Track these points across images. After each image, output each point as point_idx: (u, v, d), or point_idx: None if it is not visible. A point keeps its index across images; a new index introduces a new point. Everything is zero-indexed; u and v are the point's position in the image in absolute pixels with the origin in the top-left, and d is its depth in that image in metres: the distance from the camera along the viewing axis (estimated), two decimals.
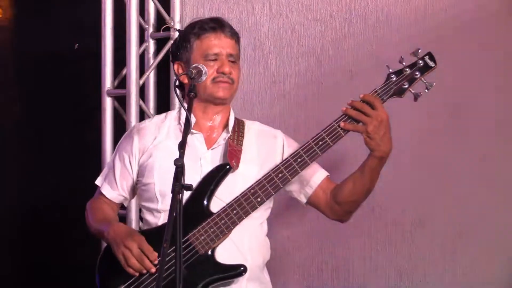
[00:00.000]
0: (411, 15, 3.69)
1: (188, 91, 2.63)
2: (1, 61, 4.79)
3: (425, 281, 3.65)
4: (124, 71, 4.31)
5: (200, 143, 2.84)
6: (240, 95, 4.06)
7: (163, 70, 4.37)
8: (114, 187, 2.95)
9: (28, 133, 4.79)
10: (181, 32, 2.96)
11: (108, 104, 4.33)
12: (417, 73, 2.75)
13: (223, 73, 2.81)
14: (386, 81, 2.76)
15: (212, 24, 2.87)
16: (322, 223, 3.47)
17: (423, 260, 3.66)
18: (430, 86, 2.74)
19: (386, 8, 3.76)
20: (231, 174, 2.78)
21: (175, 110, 3.01)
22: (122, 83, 4.31)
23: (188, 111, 2.52)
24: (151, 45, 4.40)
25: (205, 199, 2.75)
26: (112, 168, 2.96)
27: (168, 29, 4.32)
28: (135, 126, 3.02)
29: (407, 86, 2.75)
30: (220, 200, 2.77)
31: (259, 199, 2.74)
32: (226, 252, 2.75)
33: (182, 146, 2.41)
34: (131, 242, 2.71)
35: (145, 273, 2.73)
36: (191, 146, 2.80)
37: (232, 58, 2.85)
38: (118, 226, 2.83)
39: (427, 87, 2.75)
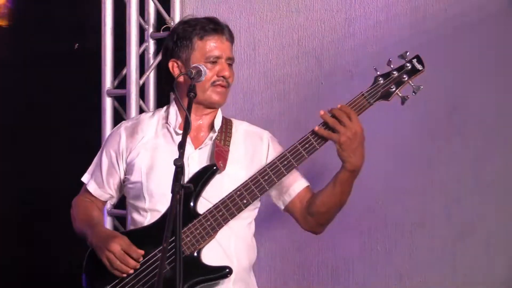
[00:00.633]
0: (411, 15, 3.69)
1: (188, 91, 2.63)
2: (1, 61, 4.79)
3: (425, 281, 3.65)
4: (124, 71, 4.32)
5: (187, 142, 2.79)
6: (240, 95, 4.07)
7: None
8: (100, 184, 2.95)
9: (28, 133, 4.79)
10: (178, 29, 2.91)
11: (108, 104, 4.33)
12: (404, 76, 2.73)
13: (223, 77, 2.82)
14: (373, 84, 2.75)
15: (213, 25, 2.87)
16: None
17: (423, 260, 3.65)
18: (418, 90, 2.73)
19: (386, 8, 3.75)
20: (218, 174, 2.77)
21: (163, 108, 2.99)
22: (122, 83, 4.31)
23: (188, 110, 2.52)
24: (151, 45, 4.40)
25: (191, 200, 2.75)
26: (99, 166, 2.95)
27: (168, 29, 4.32)
28: (122, 124, 3.00)
29: (394, 89, 2.73)
30: (207, 201, 2.77)
31: (245, 201, 2.73)
32: (212, 254, 2.75)
33: (182, 146, 2.41)
34: (113, 244, 2.71)
35: (131, 273, 2.73)
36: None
37: (230, 62, 2.86)
38: (99, 231, 2.83)
39: (414, 90, 2.73)
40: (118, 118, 4.32)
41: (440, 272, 3.61)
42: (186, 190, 2.33)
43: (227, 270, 2.73)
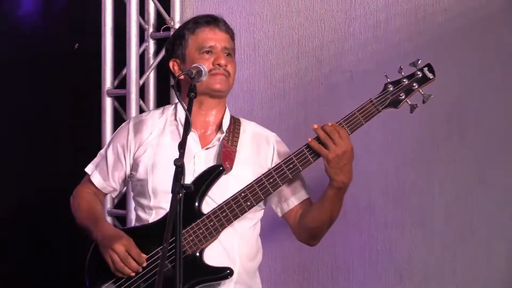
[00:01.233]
0: (411, 15, 3.69)
1: (188, 91, 2.62)
2: (1, 61, 4.79)
3: (425, 281, 3.65)
4: (124, 71, 4.32)
5: (195, 141, 2.82)
6: (240, 95, 4.07)
7: (163, 70, 4.37)
8: (105, 177, 2.94)
9: (28, 133, 4.79)
10: (175, 30, 2.97)
11: (108, 104, 4.33)
12: (414, 84, 2.72)
13: (219, 65, 2.80)
14: (382, 91, 2.74)
15: (207, 19, 2.88)
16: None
17: (423, 260, 3.65)
18: (427, 98, 2.71)
19: (386, 8, 3.75)
20: (225, 175, 2.77)
21: (172, 105, 2.99)
22: (122, 83, 4.31)
23: (188, 111, 2.52)
24: (151, 45, 4.40)
25: (196, 200, 2.75)
26: (105, 158, 2.95)
27: (168, 29, 4.32)
28: (131, 119, 3.00)
29: (403, 97, 2.72)
30: (212, 201, 2.77)
31: (248, 203, 2.73)
32: (215, 254, 2.75)
33: (182, 146, 2.40)
34: (118, 245, 2.71)
35: (133, 275, 2.73)
36: None
37: (227, 51, 2.84)
38: (105, 228, 2.83)
39: (424, 99, 2.72)
40: (118, 118, 4.32)
41: (440, 272, 3.61)
42: (187, 190, 2.33)
43: (228, 271, 2.73)
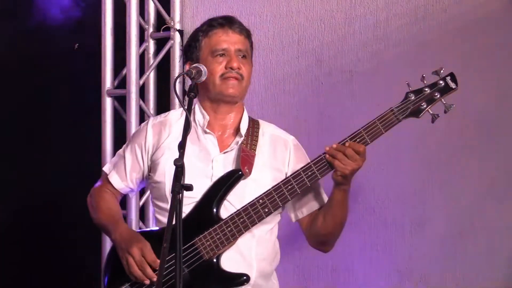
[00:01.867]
0: (411, 15, 3.69)
1: (188, 91, 2.62)
2: (1, 61, 4.79)
3: (425, 281, 3.65)
4: (124, 71, 4.32)
5: (213, 144, 2.80)
6: None
7: (163, 70, 4.37)
8: (123, 178, 2.91)
9: (28, 133, 4.78)
10: (191, 34, 2.92)
11: (108, 104, 4.33)
12: (436, 93, 2.66)
13: (231, 68, 2.77)
14: (404, 100, 2.68)
15: (221, 20, 2.85)
16: None
17: (423, 260, 3.66)
18: (449, 108, 2.66)
19: (386, 8, 3.75)
20: (243, 179, 2.75)
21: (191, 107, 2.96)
22: (122, 83, 4.31)
23: (188, 110, 2.51)
24: (151, 45, 4.40)
25: (213, 205, 2.73)
26: (123, 159, 2.92)
27: (168, 29, 4.33)
28: (150, 120, 2.96)
29: (425, 106, 2.67)
30: (231, 204, 2.75)
31: (266, 210, 2.71)
32: (232, 258, 2.73)
33: (182, 147, 2.40)
34: (134, 249, 2.69)
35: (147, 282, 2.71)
36: (203, 147, 2.79)
37: (241, 54, 2.81)
38: (124, 230, 2.82)
39: (446, 109, 2.66)
40: (118, 118, 4.32)
41: (440, 272, 3.62)
42: (187, 190, 2.33)
43: (245, 278, 2.72)
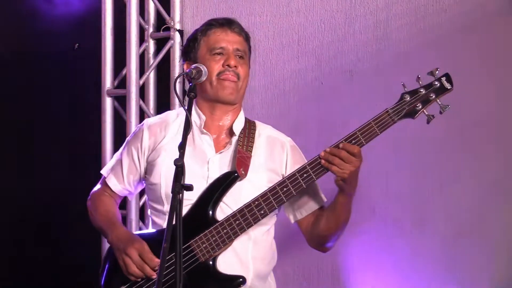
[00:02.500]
0: (411, 15, 3.69)
1: (188, 91, 2.61)
2: (1, 61, 4.79)
3: (425, 281, 3.65)
4: (124, 71, 4.32)
5: (209, 145, 2.80)
6: None
7: (163, 70, 4.37)
8: (120, 180, 2.92)
9: (28, 133, 4.79)
10: (190, 34, 2.93)
11: (108, 104, 4.33)
12: (432, 94, 2.66)
13: (228, 66, 2.76)
14: (399, 101, 2.68)
15: (221, 21, 2.85)
16: None
17: (423, 260, 3.66)
18: (445, 109, 2.66)
19: (386, 8, 3.75)
20: (239, 181, 2.75)
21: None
22: (122, 83, 4.31)
23: (188, 111, 2.51)
24: (151, 45, 4.40)
25: (209, 207, 2.72)
26: (120, 162, 2.92)
27: (168, 29, 4.33)
28: (146, 121, 2.96)
29: (420, 107, 2.67)
30: (227, 206, 2.74)
31: (262, 212, 2.70)
32: (228, 260, 2.73)
33: (182, 147, 2.40)
34: (132, 249, 2.69)
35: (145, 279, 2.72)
36: (199, 148, 2.79)
37: (239, 53, 2.80)
38: (120, 232, 2.81)
39: (442, 109, 2.66)
40: (118, 118, 4.32)
41: (440, 272, 3.61)
42: (187, 190, 2.33)
43: (241, 280, 2.71)
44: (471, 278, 3.55)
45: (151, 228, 2.88)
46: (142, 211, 4.29)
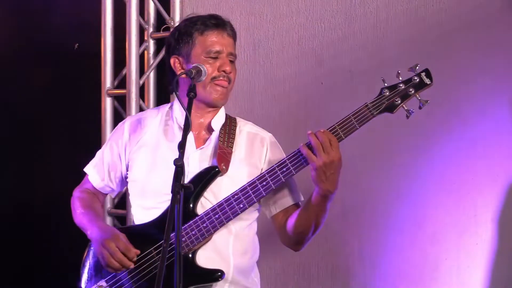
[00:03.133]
0: (411, 15, 3.69)
1: (188, 91, 2.62)
2: (1, 61, 4.79)
3: (425, 281, 3.65)
4: (124, 71, 4.32)
5: (189, 141, 2.78)
6: (240, 95, 4.07)
7: (163, 70, 4.36)
8: (102, 177, 2.95)
9: (28, 132, 4.79)
10: (179, 26, 2.91)
11: (108, 104, 4.34)
12: (411, 89, 2.69)
13: (224, 71, 2.78)
14: (378, 95, 2.71)
15: (214, 21, 2.85)
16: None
17: (423, 260, 3.66)
18: (424, 104, 2.68)
19: (386, 8, 3.76)
20: (220, 176, 2.76)
21: (168, 104, 2.96)
22: (122, 83, 4.32)
23: (188, 110, 2.51)
24: (151, 45, 4.40)
25: (190, 201, 2.73)
26: (102, 159, 2.95)
27: (168, 29, 4.33)
28: (127, 119, 2.99)
29: (399, 102, 2.69)
30: (207, 201, 2.76)
31: (241, 205, 2.71)
32: (208, 254, 2.74)
33: (182, 146, 2.40)
34: (109, 241, 2.71)
35: (124, 270, 2.74)
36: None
37: (232, 58, 2.83)
38: (99, 226, 2.83)
39: (421, 104, 2.69)
40: (118, 118, 4.32)
41: (440, 272, 3.62)
42: (187, 190, 2.33)
43: (219, 274, 2.72)
44: (471, 278, 3.55)
45: (136, 223, 2.90)
46: None
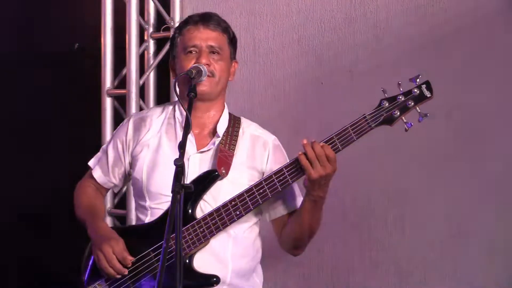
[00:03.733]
0: (411, 15, 3.69)
1: (188, 91, 2.62)
2: (1, 60, 4.79)
3: (425, 281, 3.65)
4: (124, 71, 4.32)
5: (190, 142, 2.77)
6: (240, 95, 4.07)
7: (163, 70, 4.37)
8: (105, 172, 2.94)
9: (28, 133, 4.79)
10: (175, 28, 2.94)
11: (108, 104, 4.34)
12: (410, 102, 2.63)
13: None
14: (377, 107, 2.65)
15: (196, 18, 2.84)
16: (321, 223, 3.47)
17: (423, 260, 3.66)
18: (424, 117, 2.63)
19: (386, 8, 3.75)
20: (219, 180, 2.74)
21: (172, 103, 2.94)
22: (122, 83, 4.31)
23: (188, 111, 2.51)
24: (151, 45, 4.40)
25: (188, 204, 2.72)
26: (106, 154, 2.94)
27: (168, 29, 4.33)
28: (132, 116, 2.98)
29: (398, 114, 2.64)
30: (207, 203, 2.74)
31: (237, 212, 2.69)
32: (206, 258, 2.73)
33: (182, 147, 2.40)
34: (105, 246, 2.72)
35: (118, 277, 2.74)
36: None
37: (213, 50, 2.77)
38: (99, 227, 2.83)
39: (421, 117, 2.63)
40: (118, 118, 4.32)
41: (440, 272, 3.61)
42: (187, 190, 2.32)
43: (214, 279, 2.71)
44: (471, 278, 3.55)
45: (137, 223, 2.90)
46: None
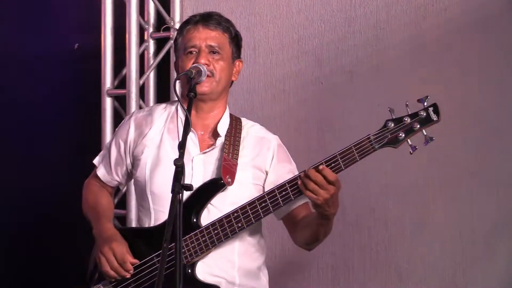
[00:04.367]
0: (411, 15, 3.69)
1: (188, 91, 2.61)
2: (1, 60, 4.79)
3: (425, 281, 3.65)
4: (124, 71, 4.32)
5: (194, 143, 2.77)
6: (240, 95, 4.07)
7: (163, 70, 4.37)
8: (109, 171, 2.94)
9: (28, 133, 4.79)
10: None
11: (108, 104, 4.34)
12: (416, 124, 2.56)
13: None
14: (382, 127, 2.59)
15: (197, 18, 2.83)
16: None
17: (423, 260, 3.65)
18: (430, 141, 2.56)
19: (386, 8, 3.75)
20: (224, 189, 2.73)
21: (176, 102, 2.92)
22: (122, 83, 4.31)
23: (188, 111, 2.50)
24: (151, 45, 4.40)
25: (193, 213, 2.71)
26: (108, 153, 2.94)
27: (168, 29, 4.33)
28: (133, 114, 2.97)
29: (403, 136, 2.57)
30: (213, 206, 2.73)
31: (239, 225, 2.67)
32: (214, 258, 2.73)
33: (182, 147, 2.39)
34: (107, 249, 2.72)
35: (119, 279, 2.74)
36: None
37: (212, 49, 2.77)
38: (103, 228, 2.83)
39: (426, 141, 2.57)
40: (118, 118, 4.32)
41: (440, 272, 3.61)
42: (187, 190, 2.32)
43: None
44: (471, 278, 3.55)
45: (137, 224, 2.93)
46: None
